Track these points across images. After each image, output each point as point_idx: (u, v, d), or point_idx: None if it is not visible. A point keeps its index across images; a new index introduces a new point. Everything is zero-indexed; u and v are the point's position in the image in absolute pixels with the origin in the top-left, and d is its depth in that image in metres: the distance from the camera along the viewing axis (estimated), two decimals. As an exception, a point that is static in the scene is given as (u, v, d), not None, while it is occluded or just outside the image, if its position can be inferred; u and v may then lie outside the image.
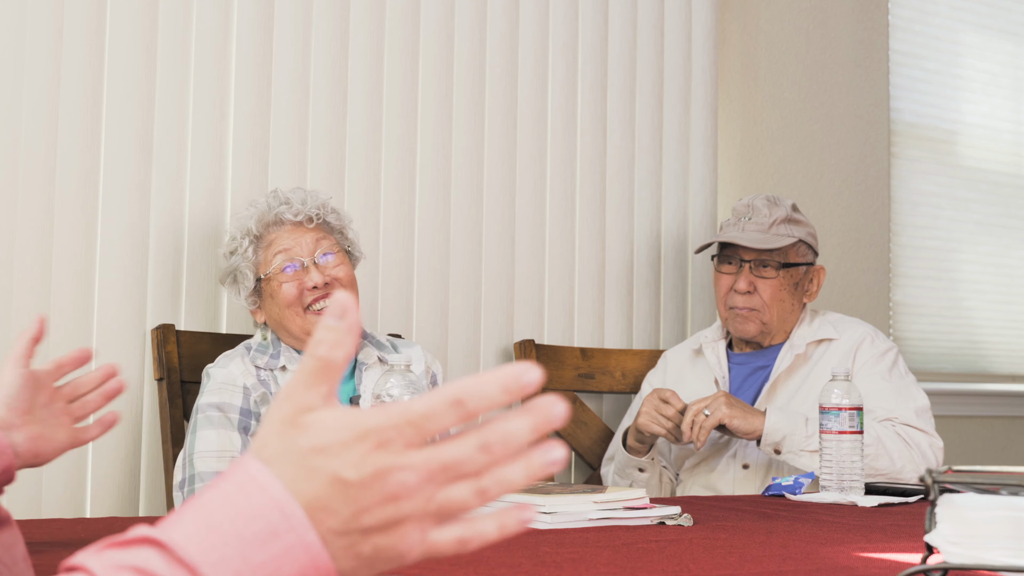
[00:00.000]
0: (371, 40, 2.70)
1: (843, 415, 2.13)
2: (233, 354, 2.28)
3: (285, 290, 2.24)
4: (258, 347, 2.30)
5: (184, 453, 2.19)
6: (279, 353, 2.28)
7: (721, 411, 2.39)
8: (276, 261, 2.25)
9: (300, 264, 2.25)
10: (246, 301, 2.31)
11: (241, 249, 2.28)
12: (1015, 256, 4.08)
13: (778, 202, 2.65)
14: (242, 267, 2.28)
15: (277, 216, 2.27)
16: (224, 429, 2.18)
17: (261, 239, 2.28)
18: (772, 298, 2.61)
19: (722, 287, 2.66)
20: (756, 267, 2.62)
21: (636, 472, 2.60)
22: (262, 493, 0.65)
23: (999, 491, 1.06)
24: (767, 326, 2.63)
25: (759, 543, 1.50)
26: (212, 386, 2.22)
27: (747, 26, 3.42)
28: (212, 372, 2.25)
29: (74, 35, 2.34)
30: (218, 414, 2.19)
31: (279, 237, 2.27)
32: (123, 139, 2.39)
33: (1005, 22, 4.09)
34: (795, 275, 2.64)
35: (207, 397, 2.21)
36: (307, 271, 2.24)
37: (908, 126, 3.79)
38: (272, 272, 2.26)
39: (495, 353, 2.83)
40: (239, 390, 2.21)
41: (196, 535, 0.64)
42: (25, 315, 2.27)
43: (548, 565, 1.26)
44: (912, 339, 3.78)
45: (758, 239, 2.59)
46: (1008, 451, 3.88)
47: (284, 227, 2.28)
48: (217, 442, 2.16)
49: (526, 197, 2.90)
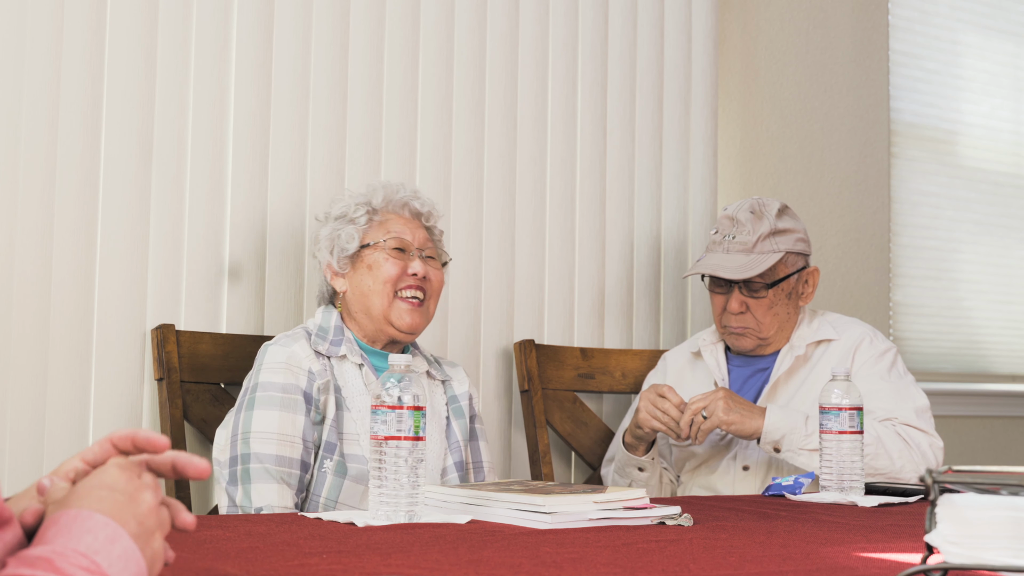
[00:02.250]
0: (371, 40, 2.70)
1: (843, 415, 2.13)
2: (295, 335, 2.22)
3: (387, 266, 2.25)
4: (318, 331, 2.25)
5: (234, 429, 2.13)
6: (340, 341, 2.24)
7: (719, 417, 2.40)
8: (388, 238, 2.27)
9: (410, 250, 2.27)
10: (337, 263, 2.28)
11: (356, 215, 2.29)
12: (1015, 256, 4.08)
13: (763, 212, 2.61)
14: (349, 230, 2.28)
15: (403, 200, 2.31)
16: (287, 411, 2.12)
17: (377, 214, 2.30)
18: (765, 315, 2.60)
19: (716, 306, 2.66)
20: (746, 288, 2.60)
21: (636, 471, 2.60)
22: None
23: (999, 491, 1.06)
24: (764, 340, 2.63)
25: (759, 543, 1.50)
26: (273, 364, 2.16)
27: (747, 26, 3.42)
28: (271, 349, 2.19)
29: (74, 35, 2.34)
30: (281, 395, 2.13)
31: (395, 219, 2.30)
32: (123, 139, 2.39)
33: (1005, 22, 4.09)
34: (786, 287, 2.63)
35: (267, 375, 2.15)
36: (412, 258, 2.27)
37: (908, 126, 3.80)
38: (381, 244, 2.26)
39: (495, 353, 2.83)
40: (304, 373, 2.16)
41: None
42: (25, 315, 2.27)
43: (548, 565, 1.26)
44: (912, 339, 3.78)
45: (741, 265, 2.57)
46: (1008, 451, 3.88)
47: (403, 214, 2.31)
48: (279, 423, 2.10)
49: (526, 197, 2.90)
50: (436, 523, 1.61)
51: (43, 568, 0.84)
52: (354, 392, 2.20)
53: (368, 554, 1.32)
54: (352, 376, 2.21)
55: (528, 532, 1.54)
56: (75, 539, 0.89)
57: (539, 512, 1.61)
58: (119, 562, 0.90)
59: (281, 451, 2.09)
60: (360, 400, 2.19)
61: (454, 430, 2.32)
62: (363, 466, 2.14)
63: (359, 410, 2.18)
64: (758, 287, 2.59)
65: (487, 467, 2.37)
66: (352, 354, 2.23)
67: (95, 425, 2.33)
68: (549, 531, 1.56)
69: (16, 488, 2.09)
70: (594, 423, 2.90)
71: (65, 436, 2.29)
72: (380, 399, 1.65)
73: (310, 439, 2.14)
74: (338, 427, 2.17)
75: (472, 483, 2.24)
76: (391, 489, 1.62)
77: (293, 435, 2.11)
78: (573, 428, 2.87)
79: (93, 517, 0.92)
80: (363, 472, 2.14)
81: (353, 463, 2.15)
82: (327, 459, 2.14)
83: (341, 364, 2.22)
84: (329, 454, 2.14)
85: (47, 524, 0.92)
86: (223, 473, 2.12)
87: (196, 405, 2.41)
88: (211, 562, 1.25)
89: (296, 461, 2.11)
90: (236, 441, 2.11)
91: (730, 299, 2.60)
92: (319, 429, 2.16)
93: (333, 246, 2.29)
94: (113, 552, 0.90)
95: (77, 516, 0.92)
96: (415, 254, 2.28)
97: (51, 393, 2.29)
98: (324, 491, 2.13)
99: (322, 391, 2.16)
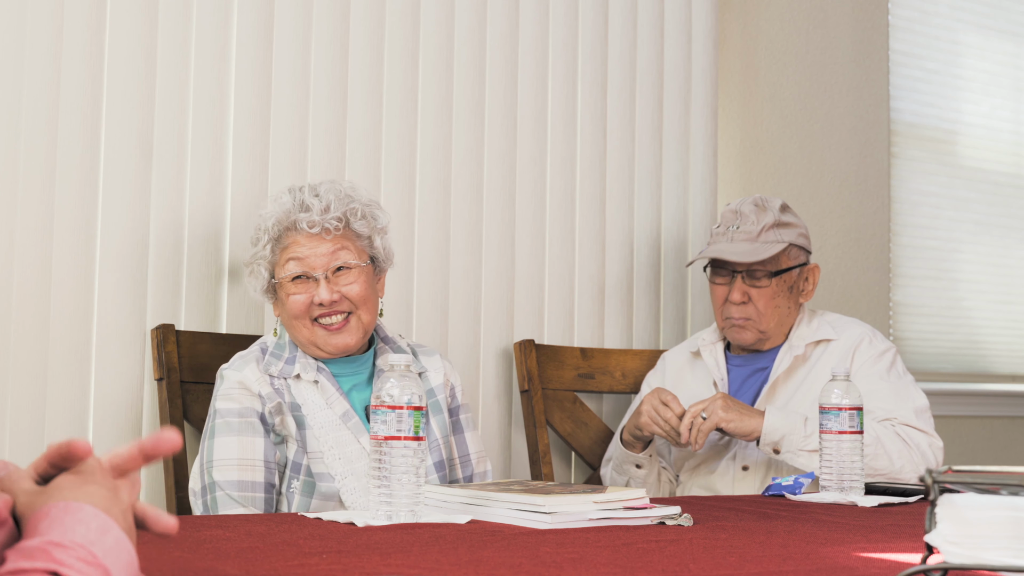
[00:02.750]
0: (371, 40, 2.70)
1: (843, 415, 2.13)
2: (248, 356, 2.20)
3: (292, 301, 2.17)
4: (273, 350, 2.21)
5: (201, 459, 2.12)
6: (294, 359, 2.20)
7: (718, 415, 2.40)
8: (288, 268, 2.17)
9: (311, 276, 2.17)
10: (263, 296, 2.25)
11: (261, 244, 2.21)
12: (1015, 256, 4.08)
13: (766, 206, 2.64)
14: (259, 263, 2.21)
15: (292, 221, 2.17)
16: (246, 435, 2.11)
17: (279, 240, 2.20)
18: (767, 306, 2.61)
19: (717, 298, 2.66)
20: (748, 277, 2.61)
21: (633, 468, 2.60)
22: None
23: (999, 491, 1.06)
24: (764, 333, 2.63)
25: (759, 543, 1.50)
26: (228, 390, 2.15)
27: (747, 26, 3.42)
28: (227, 374, 2.17)
29: (74, 35, 2.34)
30: (238, 420, 2.12)
31: (295, 243, 2.17)
32: (123, 139, 2.39)
33: (1005, 22, 4.09)
34: (788, 279, 2.63)
35: (224, 402, 2.14)
36: (317, 284, 2.16)
37: (908, 126, 3.80)
38: (283, 279, 2.19)
39: (495, 353, 2.83)
40: (255, 397, 2.14)
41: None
42: (25, 315, 2.27)
43: (548, 565, 1.26)
44: (912, 339, 3.78)
45: (746, 251, 2.58)
46: (1008, 451, 3.88)
47: (300, 234, 2.18)
48: (238, 449, 2.09)
49: (526, 197, 2.90)
50: (436, 523, 1.61)
51: (42, 559, 0.85)
52: (314, 409, 2.15)
53: (368, 554, 1.32)
54: (310, 393, 2.17)
55: (528, 532, 1.54)
56: (69, 530, 0.90)
57: (539, 512, 1.61)
58: (112, 552, 0.90)
59: (243, 476, 2.08)
60: (321, 416, 2.15)
61: (431, 428, 2.24)
62: (331, 484, 2.11)
63: (320, 427, 2.14)
64: (761, 275, 2.60)
65: (475, 458, 2.31)
66: (307, 371, 2.18)
67: (95, 425, 2.33)
68: (549, 531, 1.56)
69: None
70: (594, 423, 2.90)
71: (65, 436, 2.28)
72: (380, 399, 1.65)
73: (272, 459, 2.12)
74: (303, 446, 2.14)
75: (472, 483, 2.23)
76: (391, 489, 1.62)
77: (253, 459, 2.10)
78: (573, 428, 2.87)
79: (84, 508, 0.93)
80: (332, 490, 2.11)
81: (321, 481, 2.11)
82: (294, 479, 2.12)
83: (298, 383, 2.18)
84: (296, 474, 2.12)
85: (38, 516, 0.92)
86: (197, 503, 2.12)
87: (196, 405, 2.41)
88: (211, 562, 1.25)
89: (260, 484, 2.09)
90: (203, 472, 2.11)
91: (732, 289, 2.61)
92: (282, 449, 2.14)
93: (255, 282, 2.24)
94: (106, 542, 0.91)
95: (67, 507, 0.92)
96: (319, 276, 2.16)
97: (51, 393, 2.29)
98: (293, 511, 2.11)
99: (274, 413, 2.14)
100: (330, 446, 2.13)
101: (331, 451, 2.13)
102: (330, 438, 2.13)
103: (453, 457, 2.29)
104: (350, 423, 2.15)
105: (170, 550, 1.31)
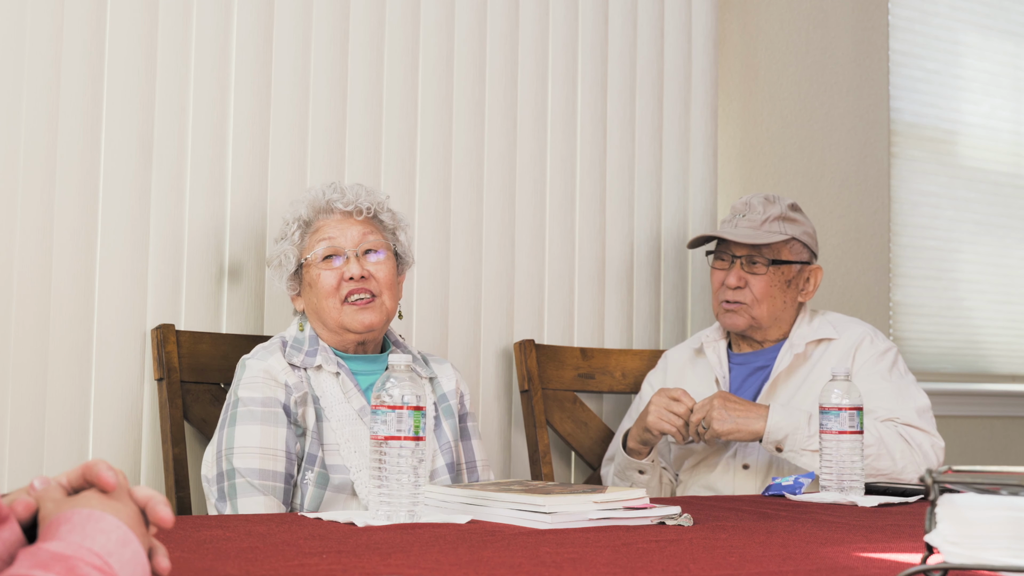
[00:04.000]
0: (371, 40, 2.70)
1: (843, 415, 2.13)
2: (271, 347, 2.22)
3: (324, 278, 2.22)
4: (294, 342, 2.24)
5: (218, 447, 2.13)
6: (315, 351, 2.22)
7: (714, 429, 2.41)
8: (319, 248, 2.24)
9: (342, 254, 2.23)
10: (286, 286, 2.29)
11: (289, 233, 2.28)
12: (1015, 256, 4.08)
13: (775, 200, 2.67)
14: (287, 251, 2.27)
15: (328, 203, 2.27)
16: (269, 425, 2.12)
17: (310, 225, 2.28)
18: (762, 293, 2.62)
19: (716, 282, 2.70)
20: (747, 263, 2.64)
21: (636, 474, 2.60)
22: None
23: (999, 491, 1.06)
24: (756, 320, 2.64)
25: (759, 543, 1.50)
26: (251, 378, 2.16)
27: (747, 26, 3.42)
28: (250, 363, 2.19)
29: (74, 35, 2.34)
30: (261, 409, 2.13)
31: (326, 225, 2.26)
32: (123, 139, 2.39)
33: (1005, 22, 4.09)
34: (787, 272, 2.65)
35: (247, 390, 2.15)
36: (348, 262, 2.23)
37: (908, 126, 3.79)
38: (313, 258, 2.24)
39: (495, 353, 2.83)
40: (281, 387, 2.16)
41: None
42: (25, 315, 2.27)
43: (548, 565, 1.26)
44: (912, 339, 3.78)
45: (747, 235, 2.62)
46: (1008, 451, 3.88)
47: (333, 216, 2.26)
48: (261, 438, 2.10)
49: (526, 197, 2.90)
50: (436, 523, 1.61)
51: (58, 572, 0.85)
52: (332, 402, 2.18)
53: (368, 554, 1.32)
54: (329, 386, 2.20)
55: (528, 532, 1.54)
56: (89, 538, 0.90)
57: (539, 512, 1.61)
58: (129, 565, 0.90)
59: (264, 464, 2.09)
60: (339, 409, 2.18)
61: (444, 430, 2.28)
62: (345, 476, 2.13)
63: (338, 419, 2.17)
64: (759, 263, 2.62)
65: (481, 465, 2.35)
66: (328, 363, 2.21)
67: (95, 425, 2.33)
68: (549, 531, 1.56)
69: (17, 487, 2.09)
70: (594, 423, 2.90)
71: (65, 436, 2.29)
72: (380, 399, 1.65)
73: (293, 450, 2.14)
74: (319, 438, 2.16)
75: (472, 483, 2.23)
76: (391, 489, 1.62)
77: (276, 448, 2.11)
78: (573, 428, 2.87)
79: (106, 518, 0.93)
80: (346, 481, 2.13)
81: (335, 473, 2.14)
82: (308, 470, 2.14)
83: (318, 375, 2.21)
84: (311, 465, 2.14)
85: (59, 520, 0.92)
86: (211, 490, 2.13)
87: (196, 405, 2.41)
88: (211, 562, 1.25)
89: (280, 474, 2.11)
90: (221, 458, 2.12)
91: (729, 273, 2.65)
92: (301, 441, 2.16)
93: (281, 271, 2.29)
94: (124, 555, 0.91)
95: (91, 516, 0.92)
96: (350, 254, 2.24)
97: (51, 393, 2.29)
98: (305, 502, 2.13)
99: (299, 404, 2.16)
100: (347, 439, 2.15)
101: (347, 444, 2.15)
102: (347, 431, 2.16)
103: (460, 462, 2.32)
104: (366, 418, 2.17)
105: (170, 550, 1.31)
